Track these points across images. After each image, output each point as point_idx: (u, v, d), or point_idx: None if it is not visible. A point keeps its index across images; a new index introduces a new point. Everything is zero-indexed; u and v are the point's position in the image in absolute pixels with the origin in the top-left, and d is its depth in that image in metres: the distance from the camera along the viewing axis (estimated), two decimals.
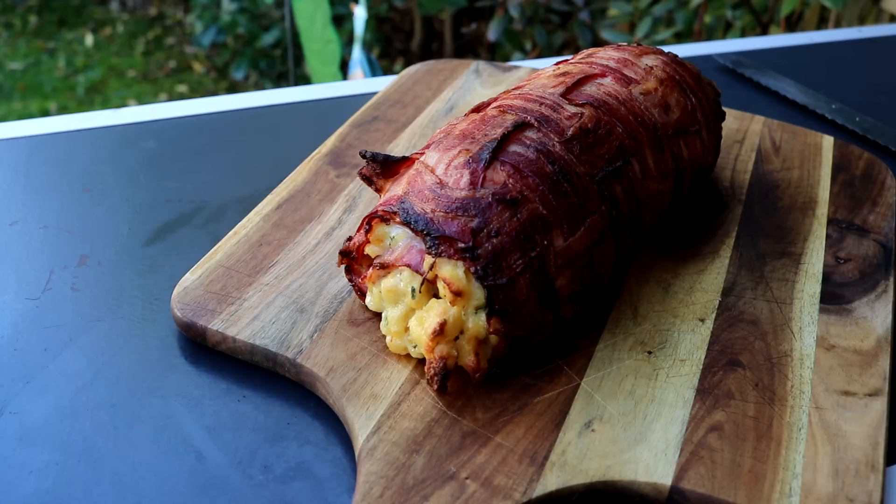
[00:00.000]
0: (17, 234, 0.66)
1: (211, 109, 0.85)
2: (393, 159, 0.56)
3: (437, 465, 0.47)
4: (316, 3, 2.17)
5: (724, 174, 0.74)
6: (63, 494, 0.47)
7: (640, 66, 0.64)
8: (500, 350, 0.51)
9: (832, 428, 0.50)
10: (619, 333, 0.56)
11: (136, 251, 0.65)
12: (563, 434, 0.49)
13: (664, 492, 0.46)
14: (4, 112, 2.82)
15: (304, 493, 0.47)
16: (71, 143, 0.79)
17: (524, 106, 0.57)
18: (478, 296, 0.50)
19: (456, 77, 0.87)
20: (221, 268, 0.60)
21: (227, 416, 0.51)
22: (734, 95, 0.93)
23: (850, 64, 1.04)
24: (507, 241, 0.50)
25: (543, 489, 0.46)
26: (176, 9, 3.72)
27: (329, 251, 0.62)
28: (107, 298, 0.60)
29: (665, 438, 0.49)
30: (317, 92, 0.91)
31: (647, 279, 0.61)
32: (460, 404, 0.50)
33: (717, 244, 0.65)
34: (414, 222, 0.51)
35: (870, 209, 0.70)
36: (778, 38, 1.10)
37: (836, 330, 0.57)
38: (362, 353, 0.53)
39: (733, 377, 0.53)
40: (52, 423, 0.51)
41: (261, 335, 0.54)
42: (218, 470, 0.48)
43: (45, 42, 3.36)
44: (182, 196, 0.71)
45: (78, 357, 0.55)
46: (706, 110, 0.66)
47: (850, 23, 1.68)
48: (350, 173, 0.71)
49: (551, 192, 0.53)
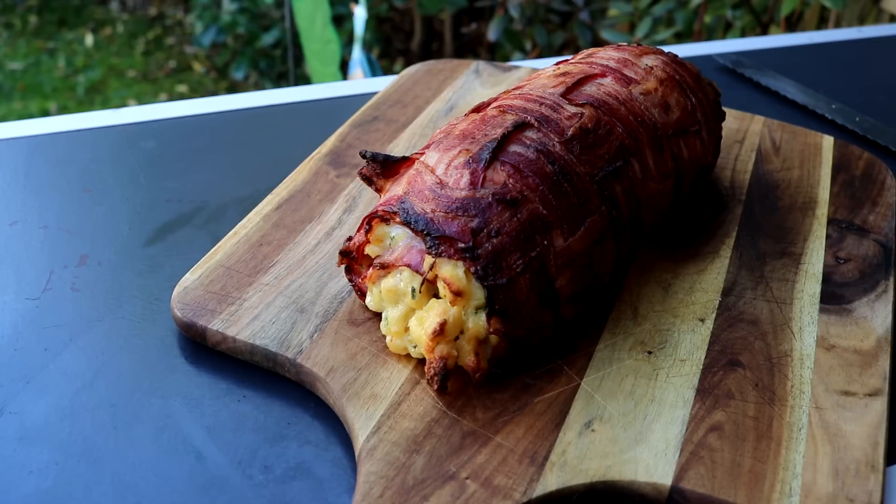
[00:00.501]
0: (17, 234, 0.66)
1: (211, 109, 0.85)
2: (393, 159, 0.56)
3: (437, 465, 0.47)
4: (316, 3, 2.17)
5: (724, 174, 0.74)
6: (63, 494, 0.47)
7: (640, 66, 0.64)
8: (500, 350, 0.51)
9: (832, 428, 0.50)
10: (619, 333, 0.56)
11: (136, 251, 0.65)
12: (563, 434, 0.49)
13: (664, 492, 0.46)
14: (4, 112, 2.82)
15: (304, 493, 0.47)
16: (71, 143, 0.79)
17: (524, 106, 0.57)
18: (478, 296, 0.50)
19: (456, 77, 0.87)
20: (221, 268, 0.60)
21: (227, 416, 0.51)
22: (734, 95, 0.93)
23: (850, 64, 1.04)
24: (507, 241, 0.50)
25: (543, 489, 0.46)
26: (176, 9, 3.72)
27: (329, 251, 0.62)
28: (107, 298, 0.60)
29: (665, 438, 0.49)
30: (317, 92, 0.91)
31: (647, 279, 0.61)
32: (460, 404, 0.50)
33: (717, 244, 0.65)
34: (414, 222, 0.51)
35: (870, 209, 0.70)
36: (778, 38, 1.10)
37: (836, 330, 0.57)
38: (362, 353, 0.53)
39: (733, 377, 0.53)
40: (52, 423, 0.51)
41: (261, 335, 0.54)
42: (218, 470, 0.48)
43: (45, 42, 3.36)
44: (182, 196, 0.71)
45: (78, 357, 0.55)
46: (706, 110, 0.66)
47: (850, 23, 1.68)
48: (350, 173, 0.71)
49: (551, 192, 0.53)
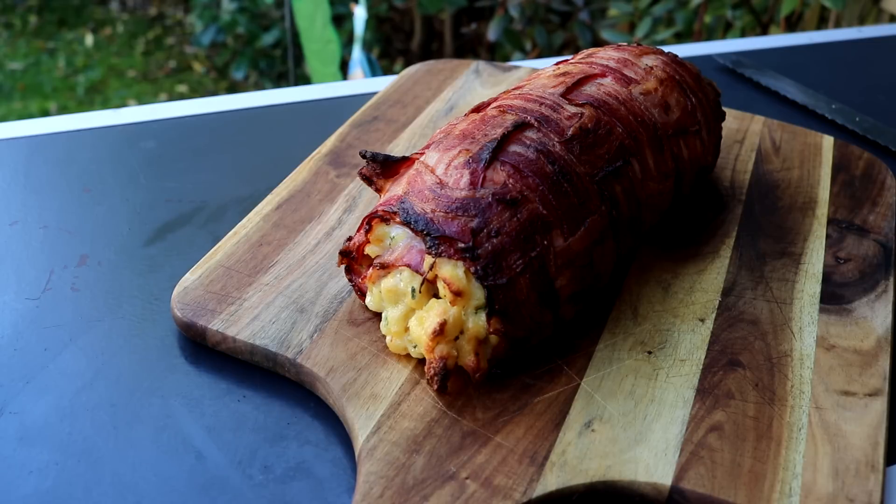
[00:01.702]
0: (17, 234, 0.66)
1: (211, 109, 0.85)
2: (393, 159, 0.56)
3: (437, 465, 0.47)
4: (316, 3, 2.17)
5: (724, 174, 0.74)
6: (63, 494, 0.47)
7: (640, 66, 0.64)
8: (500, 350, 0.51)
9: (832, 428, 0.50)
10: (619, 333, 0.56)
11: (136, 251, 0.65)
12: (563, 434, 0.49)
13: (664, 492, 0.46)
14: (4, 112, 2.82)
15: (304, 493, 0.47)
16: (71, 143, 0.79)
17: (524, 106, 0.57)
18: (478, 296, 0.50)
19: (456, 77, 0.87)
20: (221, 268, 0.60)
21: (227, 416, 0.51)
22: (734, 95, 0.93)
23: (850, 64, 1.04)
24: (507, 241, 0.50)
25: (543, 489, 0.46)
26: (176, 9, 3.72)
27: (329, 251, 0.62)
28: (107, 298, 0.60)
29: (665, 438, 0.49)
30: (317, 92, 0.91)
31: (647, 279, 0.61)
32: (460, 404, 0.50)
33: (717, 244, 0.65)
34: (414, 222, 0.51)
35: (870, 209, 0.70)
36: (778, 38, 1.10)
37: (836, 330, 0.57)
38: (362, 353, 0.53)
39: (733, 377, 0.53)
40: (52, 423, 0.51)
41: (261, 335, 0.54)
42: (218, 470, 0.48)
43: (45, 42, 3.36)
44: (182, 196, 0.71)
45: (78, 357, 0.55)
46: (706, 110, 0.66)
47: (850, 23, 1.68)
48: (350, 173, 0.71)
49: (551, 192, 0.53)
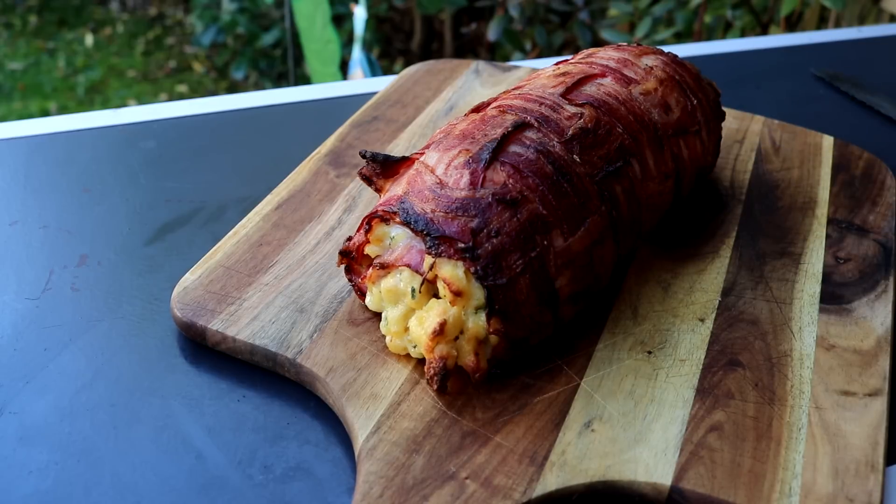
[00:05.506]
0: (17, 234, 0.66)
1: (211, 109, 0.85)
2: (393, 159, 0.56)
3: (437, 465, 0.47)
4: (316, 3, 2.17)
5: (724, 174, 0.74)
6: (63, 494, 0.47)
7: (640, 66, 0.64)
8: (500, 350, 0.51)
9: (832, 428, 0.50)
10: (619, 333, 0.56)
11: (136, 251, 0.65)
12: (562, 434, 0.49)
13: (664, 492, 0.46)
14: (4, 112, 2.82)
15: (304, 493, 0.47)
16: (71, 143, 0.79)
17: (524, 106, 0.57)
18: (478, 296, 0.50)
19: (456, 77, 0.87)
20: (221, 268, 0.60)
21: (227, 416, 0.51)
22: (734, 95, 0.93)
23: (850, 64, 1.04)
24: (507, 241, 0.50)
25: (543, 489, 0.46)
26: (176, 9, 3.72)
27: (329, 251, 0.62)
28: (107, 298, 0.60)
29: (665, 438, 0.49)
30: (317, 92, 0.91)
31: (647, 279, 0.61)
32: (460, 404, 0.50)
33: (717, 244, 0.65)
34: (414, 222, 0.51)
35: (870, 209, 0.70)
36: (778, 38, 1.10)
37: (835, 330, 0.57)
38: (362, 353, 0.53)
39: (733, 377, 0.53)
40: (52, 423, 0.51)
41: (261, 335, 0.54)
42: (218, 470, 0.48)
43: (45, 42, 3.36)
44: (182, 196, 0.71)
45: (78, 357, 0.55)
46: (706, 110, 0.66)
47: (850, 23, 1.68)
48: (350, 173, 0.71)
49: (551, 192, 0.53)
